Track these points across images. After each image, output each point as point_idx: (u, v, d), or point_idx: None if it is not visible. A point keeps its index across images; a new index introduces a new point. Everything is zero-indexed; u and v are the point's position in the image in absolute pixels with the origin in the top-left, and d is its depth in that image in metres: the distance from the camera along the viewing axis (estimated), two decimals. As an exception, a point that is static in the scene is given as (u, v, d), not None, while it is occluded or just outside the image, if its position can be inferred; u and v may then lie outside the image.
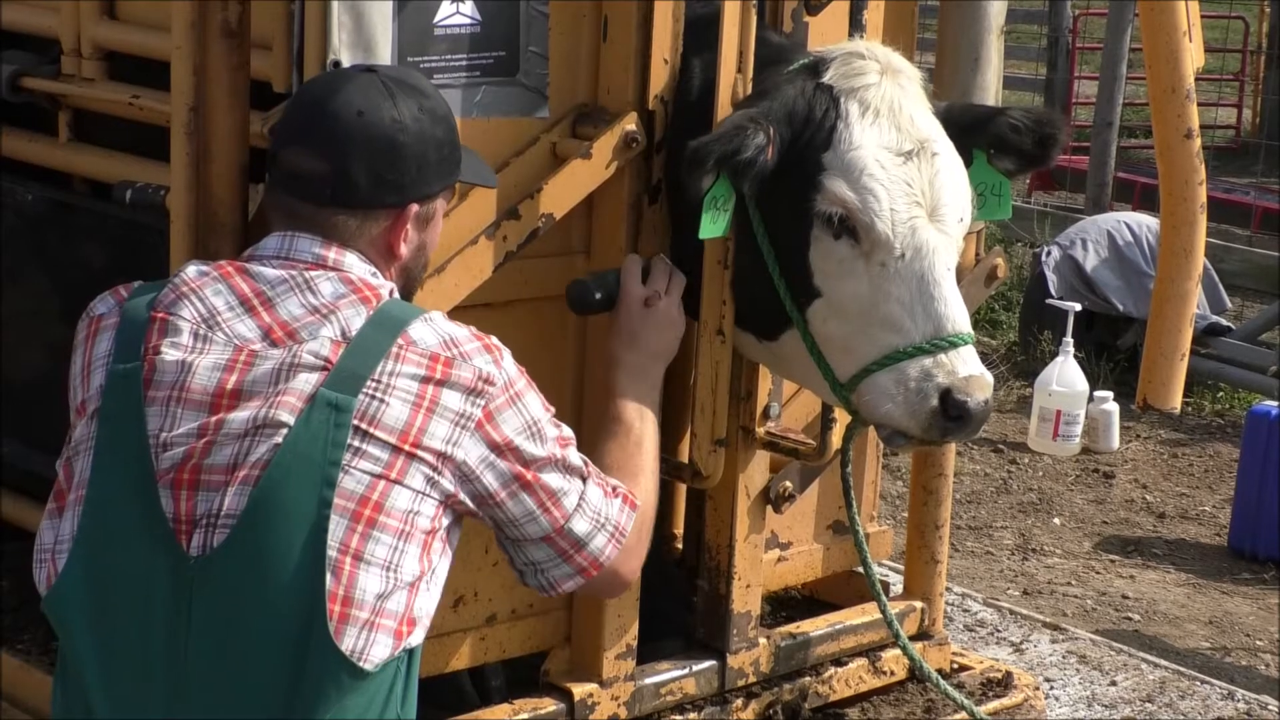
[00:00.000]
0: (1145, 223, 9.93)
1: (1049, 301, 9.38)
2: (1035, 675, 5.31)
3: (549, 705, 4.06)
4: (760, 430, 4.13)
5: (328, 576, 2.83)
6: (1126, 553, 7.65)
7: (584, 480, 3.17)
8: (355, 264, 3.06)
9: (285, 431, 2.86)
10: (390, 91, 3.08)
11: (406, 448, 2.90)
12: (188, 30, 3.60)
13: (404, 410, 2.90)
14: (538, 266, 3.90)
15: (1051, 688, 5.57)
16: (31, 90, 4.36)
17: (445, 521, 3.00)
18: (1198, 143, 4.51)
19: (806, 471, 4.34)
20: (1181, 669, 5.88)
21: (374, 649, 2.87)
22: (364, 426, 2.87)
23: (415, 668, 3.01)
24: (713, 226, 3.67)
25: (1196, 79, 4.52)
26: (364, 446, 2.87)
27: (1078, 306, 8.64)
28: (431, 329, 2.99)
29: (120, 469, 2.91)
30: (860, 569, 4.29)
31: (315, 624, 2.83)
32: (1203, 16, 4.69)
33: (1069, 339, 8.28)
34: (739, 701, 4.34)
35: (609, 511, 3.20)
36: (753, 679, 4.38)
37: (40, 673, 4.18)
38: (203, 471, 2.87)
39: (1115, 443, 8.85)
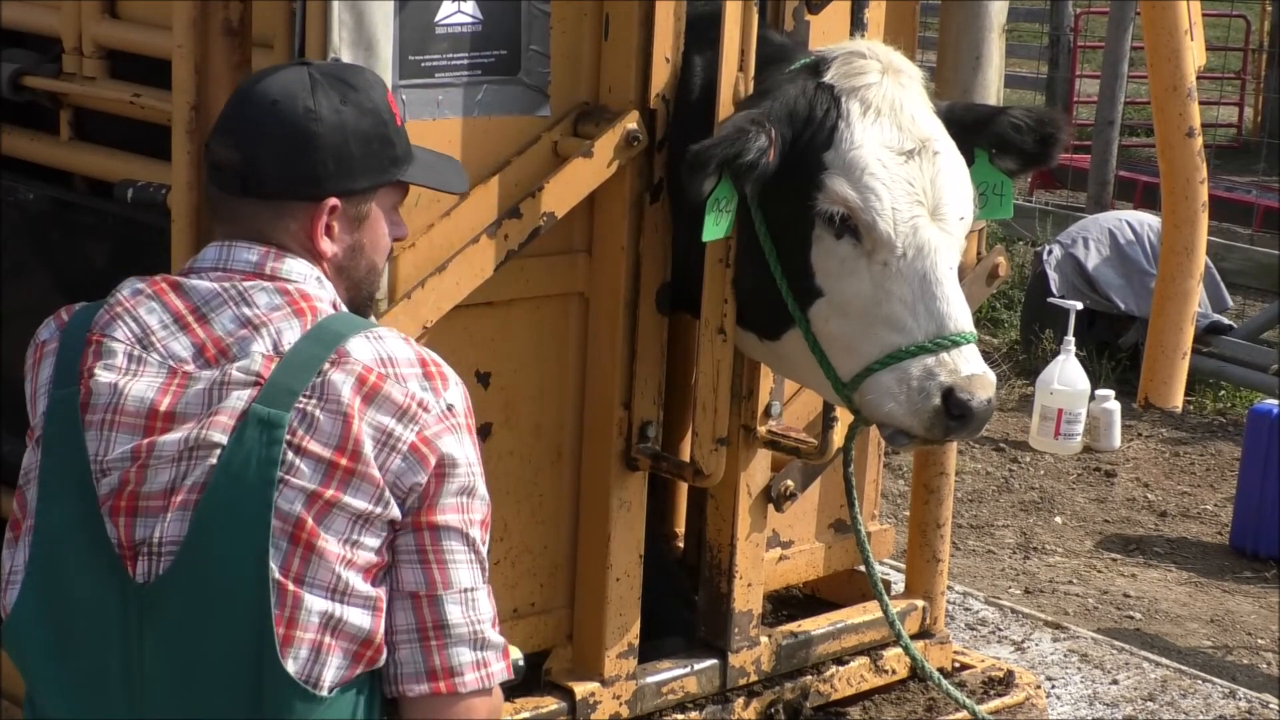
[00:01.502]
0: (1147, 221, 9.92)
1: (1050, 300, 9.37)
2: (1037, 674, 5.31)
3: (550, 704, 4.06)
4: (762, 429, 4.13)
5: (272, 599, 2.76)
6: (1128, 551, 7.64)
7: (481, 584, 2.94)
8: (296, 269, 2.95)
9: (219, 452, 2.78)
10: (313, 83, 2.97)
11: (343, 463, 2.79)
12: (189, 29, 3.60)
13: (336, 426, 2.79)
14: (539, 265, 3.91)
15: (1053, 686, 5.56)
16: (33, 89, 4.36)
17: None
18: (1199, 141, 4.51)
19: (808, 470, 4.34)
20: (1183, 668, 5.88)
21: (327, 672, 2.81)
22: (296, 442, 2.78)
23: (379, 687, 2.93)
24: (715, 228, 3.67)
25: (1198, 77, 4.52)
26: (298, 463, 2.78)
27: (1079, 305, 8.62)
28: (371, 345, 2.87)
29: (64, 497, 2.86)
30: (862, 567, 4.29)
31: (265, 650, 2.77)
32: (1204, 15, 4.69)
33: (1070, 337, 8.27)
34: (740, 700, 4.34)
35: (490, 637, 2.94)
36: (754, 678, 4.38)
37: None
38: (140, 498, 2.81)
39: (1117, 441, 8.85)
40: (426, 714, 2.89)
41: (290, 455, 2.78)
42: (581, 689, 4.09)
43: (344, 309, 2.99)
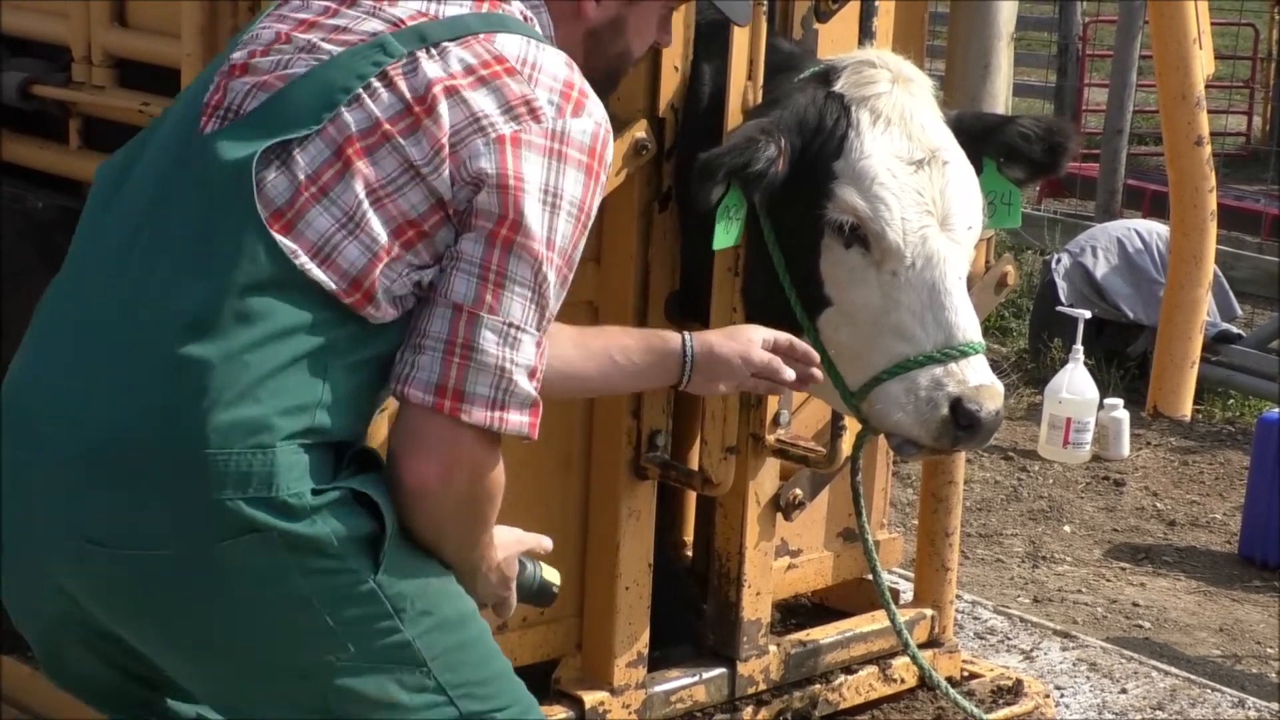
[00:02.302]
0: (1155, 230, 9.91)
1: (1059, 309, 9.36)
2: (1045, 683, 5.30)
3: (560, 713, 4.06)
4: (770, 438, 4.13)
5: (284, 191, 2.77)
6: (1137, 560, 7.63)
7: (533, 329, 2.83)
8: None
9: (326, 58, 2.84)
10: None
11: (417, 111, 2.79)
12: (197, 36, 3.61)
13: (436, 76, 2.79)
14: (548, 274, 3.90)
15: (1062, 695, 5.55)
16: (42, 97, 4.36)
17: (442, 235, 2.83)
18: (1208, 150, 4.50)
19: (817, 479, 4.33)
20: (1192, 677, 5.87)
21: (312, 271, 2.76)
22: (393, 75, 2.80)
23: (369, 373, 2.83)
24: (726, 236, 3.67)
25: (1206, 86, 4.52)
26: (382, 92, 2.80)
27: (1088, 314, 8.60)
28: (521, 45, 2.86)
29: (207, 70, 2.98)
30: (870, 576, 4.29)
31: (256, 221, 2.77)
32: (1213, 23, 4.69)
33: (1079, 346, 8.25)
34: (749, 709, 4.34)
35: (519, 383, 2.81)
36: (763, 686, 4.37)
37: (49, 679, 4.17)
38: (248, 70, 2.88)
39: (1125, 450, 8.83)
40: (419, 426, 2.81)
41: (378, 84, 2.80)
42: (591, 698, 4.09)
43: (535, 25, 2.99)
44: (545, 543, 3.32)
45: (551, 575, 3.40)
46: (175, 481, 2.74)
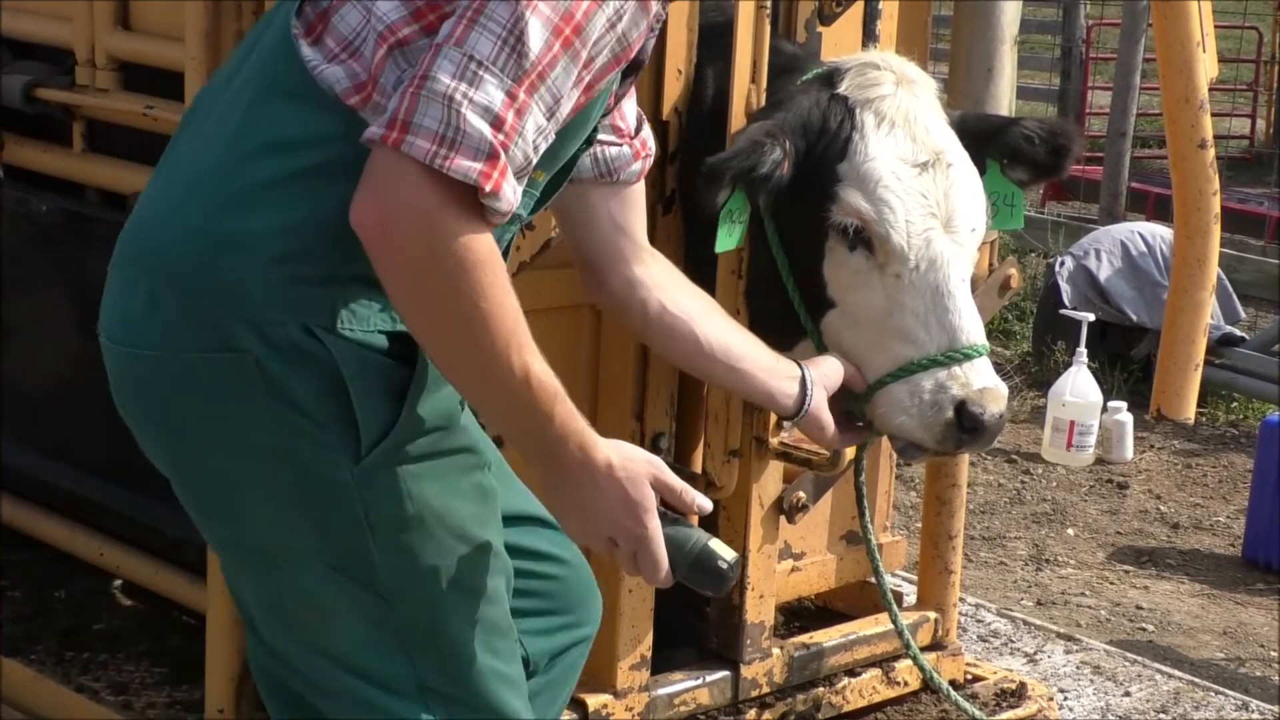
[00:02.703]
0: (1159, 233, 9.91)
1: (1063, 312, 9.35)
2: (1049, 686, 5.30)
3: (563, 715, 4.05)
4: (774, 440, 4.13)
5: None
6: (1140, 563, 7.63)
7: (502, 74, 2.56)
8: None
9: None
10: None
11: None
12: (201, 39, 3.61)
13: None
14: (551, 277, 3.90)
15: (1065, 698, 5.55)
16: (45, 101, 4.37)
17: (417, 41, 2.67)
18: (1211, 153, 4.50)
19: (820, 482, 4.33)
20: (1196, 680, 5.86)
21: (326, 72, 2.68)
22: None
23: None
24: (728, 239, 3.66)
25: (1210, 89, 4.51)
26: None
27: (1091, 317, 8.62)
28: None
29: None
30: (874, 579, 4.29)
31: (286, 24, 2.73)
32: (1216, 26, 4.68)
33: (1083, 349, 8.26)
34: (752, 712, 4.34)
35: (472, 122, 2.54)
36: (766, 689, 4.37)
37: (52, 683, 4.18)
38: None
39: (1129, 453, 8.83)
40: (369, 162, 2.57)
41: None
42: (594, 701, 4.09)
43: None
44: (701, 501, 2.95)
45: (722, 548, 2.88)
46: (161, 281, 2.71)
